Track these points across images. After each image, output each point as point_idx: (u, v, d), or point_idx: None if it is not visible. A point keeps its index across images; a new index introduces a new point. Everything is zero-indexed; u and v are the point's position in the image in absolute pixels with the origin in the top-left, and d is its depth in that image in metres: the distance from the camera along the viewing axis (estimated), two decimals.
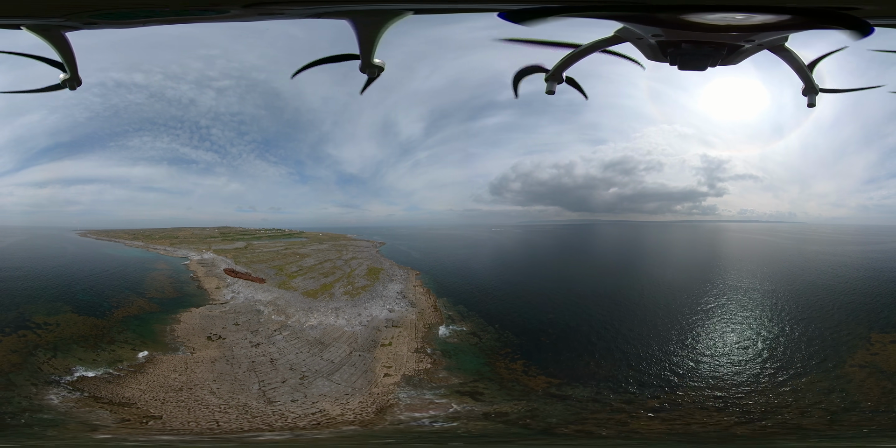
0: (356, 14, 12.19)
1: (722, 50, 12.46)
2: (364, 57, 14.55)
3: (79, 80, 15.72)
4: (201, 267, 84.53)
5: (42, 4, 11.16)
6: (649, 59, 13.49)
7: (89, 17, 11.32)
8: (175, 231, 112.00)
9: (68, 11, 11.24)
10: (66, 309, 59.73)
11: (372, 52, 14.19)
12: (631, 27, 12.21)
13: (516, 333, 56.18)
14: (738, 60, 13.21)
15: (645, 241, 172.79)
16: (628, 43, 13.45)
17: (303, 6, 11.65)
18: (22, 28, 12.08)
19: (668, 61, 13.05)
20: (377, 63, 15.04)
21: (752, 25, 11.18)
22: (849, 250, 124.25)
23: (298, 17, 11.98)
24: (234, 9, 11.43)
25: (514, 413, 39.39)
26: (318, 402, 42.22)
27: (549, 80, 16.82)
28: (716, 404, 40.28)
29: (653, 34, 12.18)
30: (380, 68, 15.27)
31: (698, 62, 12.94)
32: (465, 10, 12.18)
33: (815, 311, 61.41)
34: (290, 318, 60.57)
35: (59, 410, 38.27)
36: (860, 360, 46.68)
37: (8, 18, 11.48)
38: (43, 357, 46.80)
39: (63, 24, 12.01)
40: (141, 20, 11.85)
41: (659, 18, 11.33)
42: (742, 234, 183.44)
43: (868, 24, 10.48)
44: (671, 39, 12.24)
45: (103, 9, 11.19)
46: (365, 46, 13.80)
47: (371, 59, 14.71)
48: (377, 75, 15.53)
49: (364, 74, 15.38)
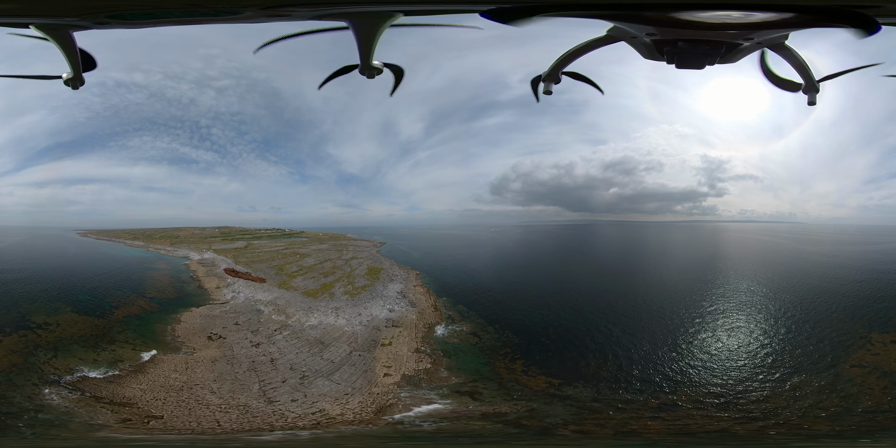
0: (354, 16, 12.24)
1: (720, 48, 12.24)
2: (363, 59, 14.56)
3: (81, 80, 15.73)
4: (202, 267, 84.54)
5: (58, 5, 11.21)
6: (645, 58, 13.29)
7: (104, 17, 11.34)
8: (175, 231, 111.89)
9: (84, 12, 11.29)
10: (67, 309, 59.76)
11: (370, 55, 14.17)
12: (623, 26, 12.06)
13: (516, 333, 56.17)
14: (737, 58, 12.99)
15: (645, 242, 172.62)
16: (623, 42, 13.29)
17: (307, 8, 11.69)
18: (31, 27, 12.11)
19: (665, 60, 12.86)
20: (376, 65, 15.05)
21: (750, 23, 11.00)
22: (849, 250, 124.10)
23: (303, 18, 12.02)
24: (249, 10, 11.48)
25: (514, 413, 39.40)
26: (318, 402, 42.26)
27: (546, 81, 16.78)
28: (715, 401, 40.28)
29: (647, 33, 12.00)
30: (378, 70, 15.26)
31: (696, 61, 12.68)
32: (453, 11, 12.18)
33: (816, 311, 61.36)
34: (291, 318, 60.59)
35: (61, 410, 38.31)
36: (861, 361, 46.68)
37: (19, 17, 11.49)
38: (43, 357, 46.85)
39: (74, 24, 12.03)
40: (152, 21, 11.87)
41: (649, 17, 11.19)
42: (742, 235, 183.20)
43: (876, 21, 10.30)
44: (666, 38, 12.04)
45: (117, 10, 11.25)
46: (364, 49, 13.81)
47: (370, 62, 14.72)
48: (374, 77, 15.48)
49: (364, 77, 15.36)
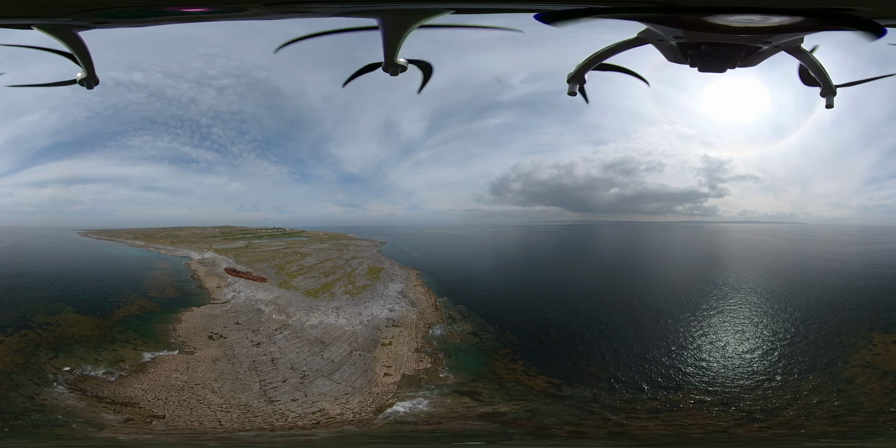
0: (387, 13, 12.02)
1: (740, 52, 12.52)
2: (388, 56, 14.42)
3: (96, 79, 15.49)
4: (202, 266, 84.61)
5: (47, 3, 11.06)
6: (670, 61, 13.49)
7: (97, 15, 11.22)
8: (176, 230, 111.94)
9: (74, 10, 11.14)
10: (68, 309, 59.86)
11: (396, 52, 14.05)
12: (654, 28, 12.27)
13: (516, 333, 56.17)
14: (756, 62, 13.22)
15: (646, 242, 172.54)
16: (650, 45, 13.47)
17: (335, 5, 11.48)
18: (33, 28, 12.05)
19: (689, 63, 13.11)
20: (401, 62, 14.92)
21: (768, 27, 11.26)
22: (850, 251, 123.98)
23: (329, 15, 11.82)
24: (271, 7, 11.19)
25: (513, 413, 39.42)
26: (319, 402, 42.30)
27: (571, 82, 16.69)
28: (713, 399, 40.29)
29: (674, 36, 12.27)
30: (402, 68, 15.09)
31: (718, 64, 12.99)
32: (502, 11, 12.23)
33: (817, 312, 61.34)
34: (291, 318, 60.65)
35: (62, 410, 38.37)
36: (862, 361, 46.68)
37: (18, 18, 11.41)
38: (45, 357, 46.93)
39: (72, 24, 11.91)
40: (153, 19, 11.63)
41: (682, 20, 11.39)
42: (743, 235, 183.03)
43: (879, 25, 10.50)
44: (691, 41, 12.31)
45: (109, 7, 11.12)
46: (390, 46, 13.66)
47: (395, 59, 14.56)
48: (397, 74, 15.26)
49: (387, 74, 15.16)
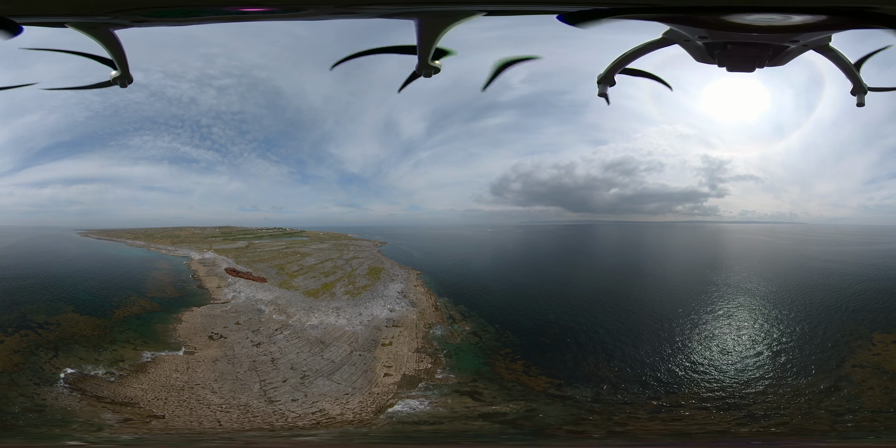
0: (425, 15, 12.11)
1: (768, 51, 12.46)
2: (422, 57, 14.50)
3: (130, 78, 15.31)
4: (202, 266, 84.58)
5: (88, 2, 10.98)
6: (697, 61, 13.43)
7: (138, 14, 11.17)
8: (176, 230, 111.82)
9: (115, 9, 11.06)
10: (68, 309, 59.79)
11: (430, 53, 14.13)
12: (678, 29, 12.26)
13: (517, 333, 56.17)
14: (784, 61, 13.13)
15: (646, 242, 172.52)
16: (676, 45, 13.41)
17: (376, 6, 11.55)
18: (67, 26, 11.90)
19: (717, 63, 13.04)
20: (434, 64, 14.93)
21: (793, 26, 11.19)
22: (850, 251, 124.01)
23: (370, 16, 11.84)
24: (312, 7, 11.21)
25: (513, 413, 39.42)
26: (319, 402, 42.30)
27: (601, 83, 16.69)
28: (714, 396, 40.29)
29: (699, 36, 12.20)
30: (436, 69, 15.05)
31: (746, 63, 12.90)
32: (529, 12, 12.40)
33: (817, 312, 61.34)
34: (291, 318, 60.65)
35: (62, 410, 38.38)
36: (862, 361, 46.66)
37: (53, 16, 11.30)
38: (45, 356, 46.93)
39: (110, 22, 11.82)
40: (195, 18, 11.57)
41: (704, 20, 11.35)
42: (743, 235, 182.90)
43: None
44: (717, 41, 12.25)
45: (152, 7, 11.05)
46: (425, 47, 13.71)
47: (428, 60, 14.64)
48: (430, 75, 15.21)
49: (420, 75, 15.15)
